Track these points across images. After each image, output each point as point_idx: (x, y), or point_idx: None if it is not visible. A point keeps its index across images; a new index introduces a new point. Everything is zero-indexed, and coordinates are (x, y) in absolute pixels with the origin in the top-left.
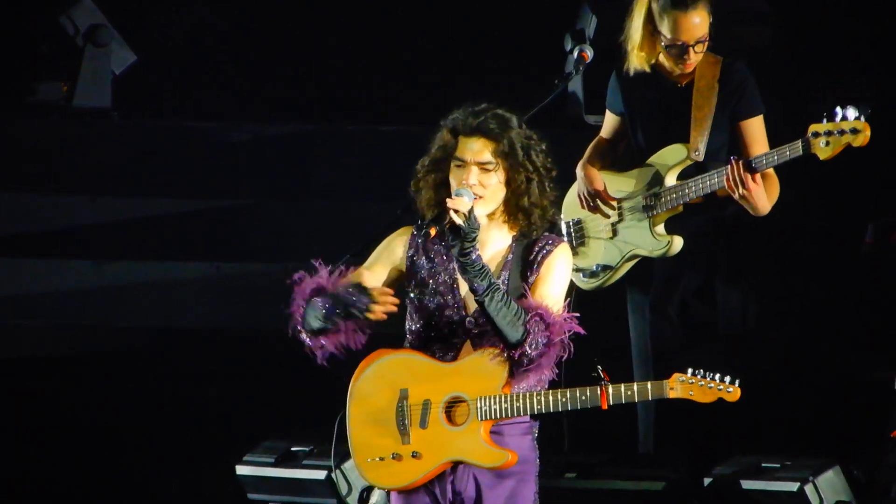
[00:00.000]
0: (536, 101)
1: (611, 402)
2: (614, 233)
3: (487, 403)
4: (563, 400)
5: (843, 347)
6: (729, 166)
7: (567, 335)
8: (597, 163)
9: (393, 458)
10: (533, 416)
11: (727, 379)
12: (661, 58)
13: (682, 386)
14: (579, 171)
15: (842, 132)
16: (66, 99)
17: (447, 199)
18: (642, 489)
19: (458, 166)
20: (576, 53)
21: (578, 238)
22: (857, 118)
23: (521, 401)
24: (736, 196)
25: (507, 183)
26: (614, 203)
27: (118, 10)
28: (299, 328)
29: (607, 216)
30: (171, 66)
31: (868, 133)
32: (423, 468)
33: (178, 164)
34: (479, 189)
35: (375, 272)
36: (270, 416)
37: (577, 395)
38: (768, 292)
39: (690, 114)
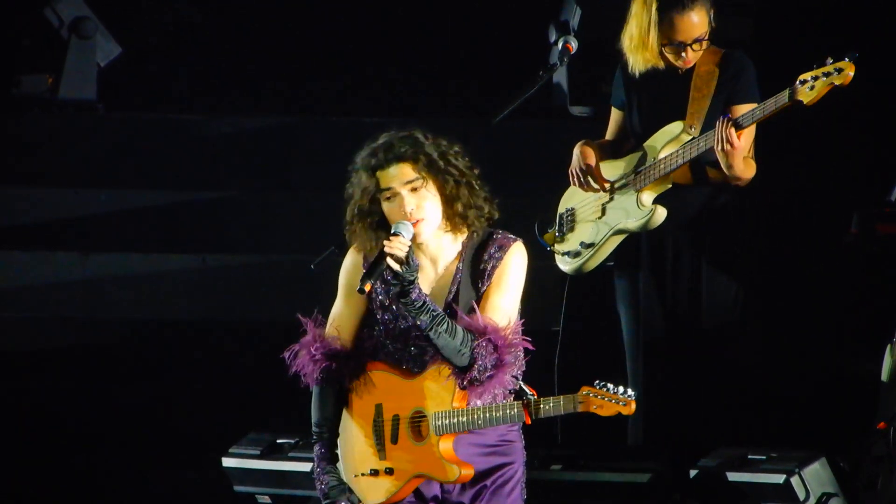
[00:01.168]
0: (521, 93)
1: (533, 417)
2: (603, 211)
3: (441, 419)
4: (498, 415)
5: (828, 338)
6: (718, 122)
7: (518, 350)
8: (596, 150)
9: (371, 473)
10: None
11: (627, 393)
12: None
13: (588, 400)
14: (576, 148)
15: (827, 74)
16: (51, 91)
17: (384, 244)
18: (628, 481)
19: (388, 198)
20: (560, 45)
21: (569, 225)
22: (843, 59)
23: (466, 416)
24: (717, 149)
25: (440, 193)
26: (606, 184)
27: (102, 2)
28: (307, 382)
29: (596, 190)
30: (156, 58)
31: (851, 73)
32: (396, 484)
33: (163, 157)
34: (418, 212)
35: (350, 314)
36: (256, 407)
37: (507, 410)
38: (753, 283)
39: (689, 95)
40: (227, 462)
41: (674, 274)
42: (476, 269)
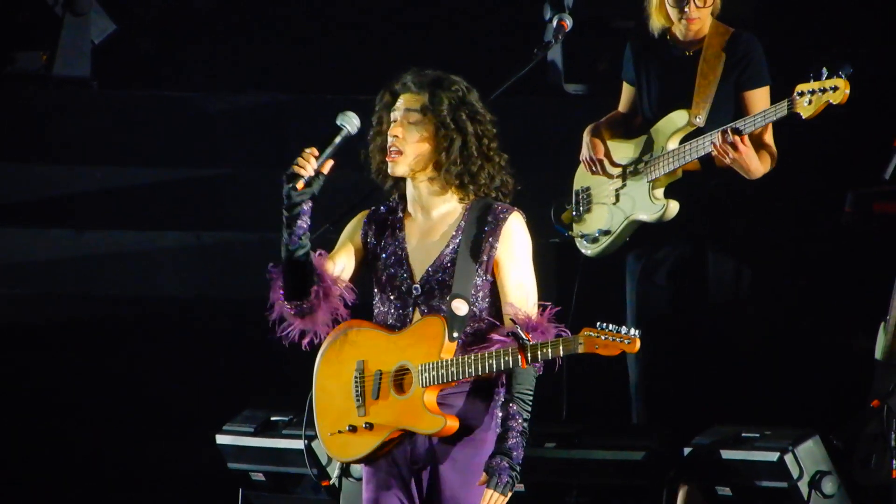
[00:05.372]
0: (516, 70)
1: (529, 362)
2: (617, 198)
3: (427, 370)
4: (491, 363)
5: (823, 317)
6: (716, 135)
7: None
8: (607, 131)
9: (349, 430)
10: (495, 384)
11: (630, 332)
12: (674, 27)
13: (589, 340)
14: (585, 135)
15: (823, 90)
16: (46, 68)
17: (300, 157)
18: (622, 459)
19: (393, 122)
20: (555, 22)
21: (585, 205)
22: (838, 76)
23: (455, 366)
24: (727, 161)
25: (432, 140)
26: (618, 170)
27: None
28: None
29: (611, 176)
30: (151, 35)
31: (847, 91)
32: (376, 439)
33: (157, 134)
34: (398, 142)
35: (338, 260)
36: (250, 384)
37: (502, 356)
38: (749, 263)
39: (695, 82)
40: (221, 439)
41: (676, 253)
42: (476, 235)
